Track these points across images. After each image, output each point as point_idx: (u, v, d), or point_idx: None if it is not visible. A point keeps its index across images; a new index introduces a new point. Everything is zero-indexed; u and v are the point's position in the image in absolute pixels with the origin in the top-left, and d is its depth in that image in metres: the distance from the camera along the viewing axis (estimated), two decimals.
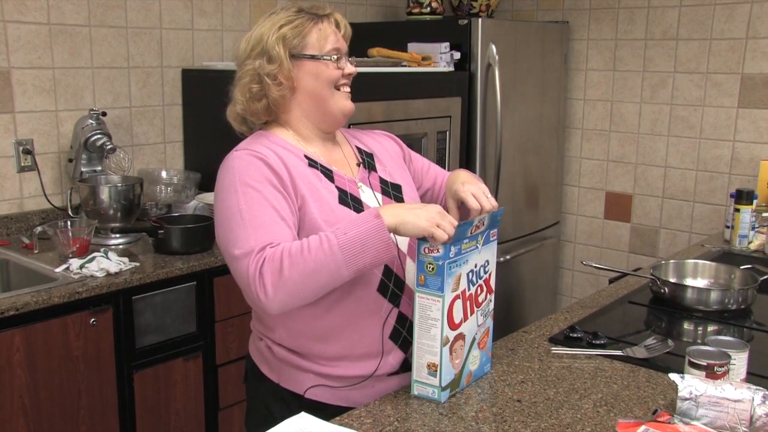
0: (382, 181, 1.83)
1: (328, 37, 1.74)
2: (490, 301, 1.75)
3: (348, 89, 1.80)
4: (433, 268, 1.56)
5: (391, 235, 1.55)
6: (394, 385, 1.74)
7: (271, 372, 1.78)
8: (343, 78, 1.77)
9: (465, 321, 1.64)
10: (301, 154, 1.74)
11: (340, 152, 1.83)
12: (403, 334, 1.72)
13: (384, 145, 1.96)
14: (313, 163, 1.74)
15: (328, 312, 1.68)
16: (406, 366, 1.73)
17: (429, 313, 1.58)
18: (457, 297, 1.60)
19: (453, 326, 1.61)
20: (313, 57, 1.73)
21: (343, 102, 1.78)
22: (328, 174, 1.74)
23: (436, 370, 1.60)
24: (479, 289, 1.69)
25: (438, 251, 1.54)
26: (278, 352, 1.75)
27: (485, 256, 1.69)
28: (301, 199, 1.66)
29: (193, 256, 2.67)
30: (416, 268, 1.59)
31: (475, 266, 1.66)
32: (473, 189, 1.73)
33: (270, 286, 1.50)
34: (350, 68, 1.79)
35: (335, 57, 1.75)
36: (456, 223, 1.56)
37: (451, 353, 1.61)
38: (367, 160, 1.86)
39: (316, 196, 1.67)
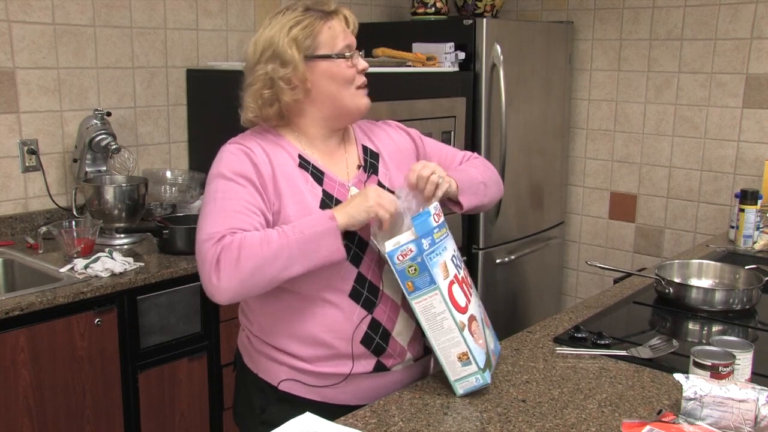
0: (380, 186, 1.81)
1: (338, 34, 1.72)
2: (472, 282, 1.78)
3: (364, 85, 1.78)
4: (415, 269, 1.58)
5: (372, 241, 1.64)
6: (369, 385, 1.75)
7: (251, 362, 1.82)
8: (358, 75, 1.76)
9: (469, 303, 1.66)
10: (295, 154, 1.74)
11: (342, 152, 1.82)
12: (375, 340, 1.71)
13: (396, 142, 1.92)
14: (304, 164, 1.73)
15: (300, 315, 1.70)
16: (379, 367, 1.73)
17: (433, 310, 1.60)
18: (452, 283, 1.62)
19: (461, 310, 1.62)
20: (326, 57, 1.70)
21: (360, 99, 1.77)
22: (318, 176, 1.73)
23: (468, 358, 1.61)
24: (464, 271, 1.72)
25: (411, 251, 1.57)
26: (256, 343, 1.79)
27: (453, 242, 1.72)
28: (279, 200, 1.67)
29: None
30: (400, 282, 1.60)
31: (454, 251, 1.69)
32: (418, 166, 1.72)
33: (224, 272, 1.55)
34: (363, 63, 1.76)
35: (349, 54, 1.73)
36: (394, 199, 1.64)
37: (472, 335, 1.63)
38: (371, 161, 1.84)
39: (296, 198, 1.68)
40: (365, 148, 1.86)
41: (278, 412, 1.63)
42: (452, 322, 1.60)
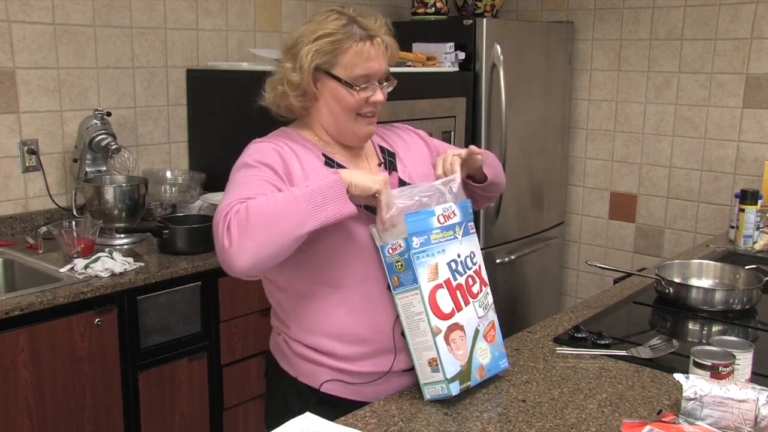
0: (401, 182, 1.83)
1: (359, 63, 1.69)
2: (488, 293, 1.73)
3: (371, 114, 1.76)
4: (401, 265, 1.58)
5: (372, 229, 1.63)
6: (409, 381, 1.75)
7: (289, 366, 1.80)
8: (367, 105, 1.73)
9: (459, 311, 1.64)
10: (319, 153, 1.75)
11: (362, 153, 1.84)
12: None
13: (408, 142, 1.94)
14: (329, 162, 1.75)
15: (339, 309, 1.70)
16: None
17: (412, 309, 1.60)
18: (438, 286, 1.61)
19: (441, 315, 1.60)
20: (337, 79, 1.70)
21: (360, 128, 1.76)
22: None
23: (437, 365, 1.59)
24: (470, 279, 1.68)
25: (400, 246, 1.57)
26: (295, 347, 1.77)
27: (469, 247, 1.70)
28: None
29: (198, 256, 2.67)
30: (388, 274, 1.61)
31: (458, 256, 1.66)
32: (446, 154, 1.76)
33: (235, 234, 1.51)
34: (378, 96, 1.73)
35: (360, 87, 1.70)
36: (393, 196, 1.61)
37: (448, 343, 1.60)
38: (389, 160, 1.86)
39: None
40: (382, 148, 1.88)
41: (320, 414, 1.58)
42: (426, 325, 1.59)
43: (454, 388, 1.60)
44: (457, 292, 1.65)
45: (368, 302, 1.70)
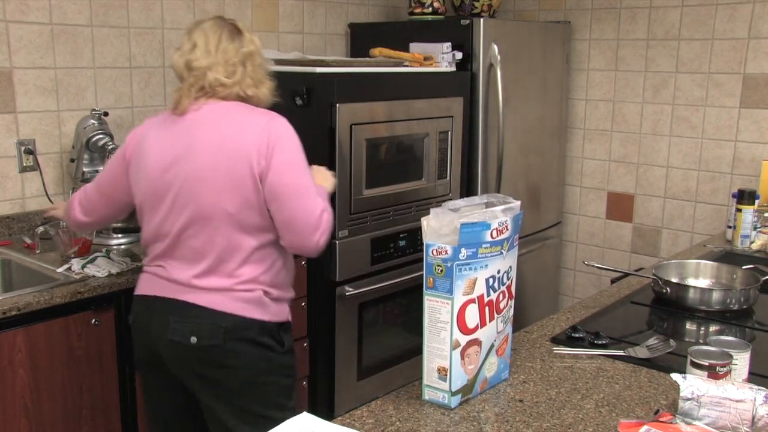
0: None
1: None
2: (511, 307, 1.71)
3: None
4: (441, 270, 1.53)
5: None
6: None
7: (265, 313, 2.10)
8: None
9: (482, 327, 1.61)
10: None
11: None
12: None
13: None
14: None
15: (284, 262, 2.20)
16: None
17: (438, 316, 1.56)
18: (471, 301, 1.57)
19: (465, 330, 1.57)
20: None
21: None
22: None
23: (446, 375, 1.58)
24: (501, 295, 1.65)
25: (446, 252, 1.52)
26: (276, 294, 2.14)
27: (509, 262, 1.65)
28: None
29: None
30: (424, 272, 1.56)
31: (498, 272, 1.62)
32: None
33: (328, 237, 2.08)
34: None
35: None
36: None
37: (463, 358, 1.58)
38: None
39: None
40: None
41: (290, 338, 2.20)
42: (448, 336, 1.56)
43: (455, 401, 1.60)
44: (486, 308, 1.61)
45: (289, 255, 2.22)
